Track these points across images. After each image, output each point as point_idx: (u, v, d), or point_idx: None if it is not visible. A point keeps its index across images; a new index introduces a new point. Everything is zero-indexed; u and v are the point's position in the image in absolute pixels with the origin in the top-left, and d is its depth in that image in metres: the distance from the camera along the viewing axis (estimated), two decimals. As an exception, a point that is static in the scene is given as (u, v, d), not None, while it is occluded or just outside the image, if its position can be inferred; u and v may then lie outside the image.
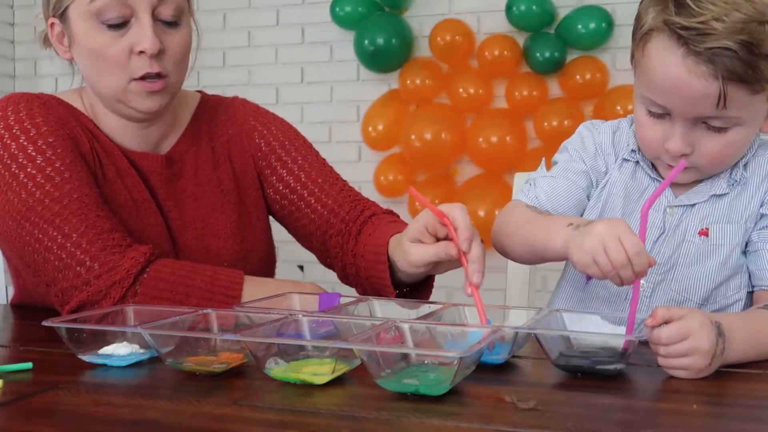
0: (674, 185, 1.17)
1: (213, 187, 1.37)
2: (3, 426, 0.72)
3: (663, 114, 1.09)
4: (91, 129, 1.29)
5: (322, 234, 1.37)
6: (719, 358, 0.86)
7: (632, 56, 1.14)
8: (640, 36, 1.09)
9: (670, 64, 1.04)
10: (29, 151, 1.20)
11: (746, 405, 0.80)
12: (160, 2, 1.22)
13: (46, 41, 1.35)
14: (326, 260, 1.40)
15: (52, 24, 1.27)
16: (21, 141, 1.20)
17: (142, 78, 1.23)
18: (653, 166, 1.19)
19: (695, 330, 0.84)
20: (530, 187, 1.24)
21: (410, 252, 1.11)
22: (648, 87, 1.09)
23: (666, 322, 0.85)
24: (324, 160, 1.45)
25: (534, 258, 1.15)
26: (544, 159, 1.28)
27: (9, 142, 1.21)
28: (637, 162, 1.20)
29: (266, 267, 1.43)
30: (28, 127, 1.22)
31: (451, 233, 1.04)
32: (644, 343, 0.85)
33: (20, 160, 1.19)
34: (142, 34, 1.21)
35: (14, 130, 1.21)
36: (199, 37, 1.33)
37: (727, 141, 1.07)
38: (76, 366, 0.91)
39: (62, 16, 1.25)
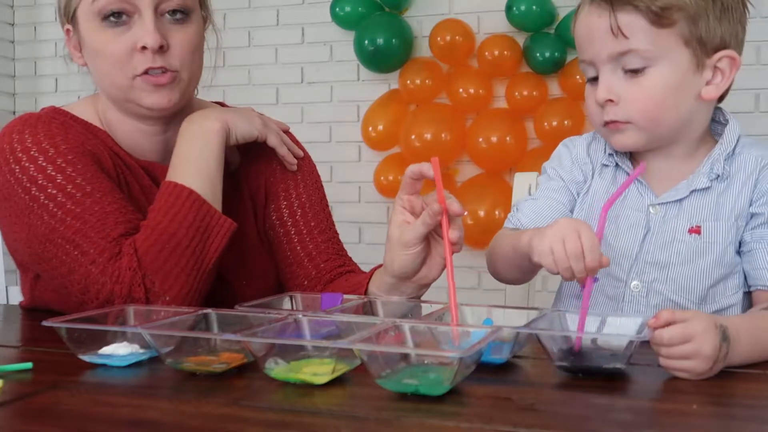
0: (656, 184, 1.19)
1: (235, 204, 1.35)
2: (3, 426, 0.72)
3: (596, 77, 1.14)
4: (110, 145, 1.28)
5: (290, 273, 1.37)
6: (722, 362, 0.86)
7: None
8: (572, 21, 1.18)
9: (581, 17, 1.15)
10: (49, 171, 1.18)
11: (747, 405, 0.80)
12: None
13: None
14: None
15: (68, 30, 1.27)
16: (39, 162, 1.19)
17: (146, 73, 1.22)
18: (632, 165, 1.21)
19: (698, 334, 0.84)
20: (514, 213, 1.28)
21: (401, 234, 1.10)
22: (578, 51, 1.17)
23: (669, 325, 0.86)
24: (326, 204, 1.44)
25: (517, 271, 1.19)
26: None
27: (27, 164, 1.19)
28: (617, 165, 1.22)
29: (278, 283, 1.43)
30: (47, 147, 1.20)
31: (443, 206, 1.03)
32: (645, 344, 0.85)
33: (40, 181, 1.18)
34: (144, 29, 1.20)
35: (32, 152, 1.19)
36: (219, 39, 1.34)
37: (647, 85, 1.11)
38: (76, 366, 0.91)
39: (73, 20, 1.25)
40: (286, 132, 1.41)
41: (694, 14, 1.08)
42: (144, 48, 1.21)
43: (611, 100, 1.12)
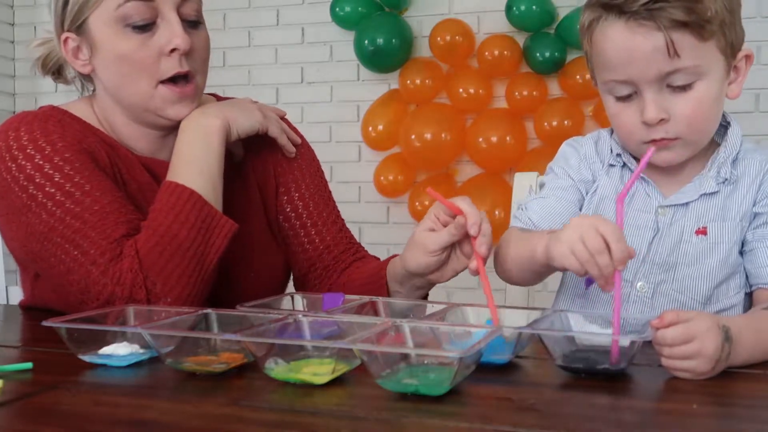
0: (663, 185, 1.18)
1: (239, 197, 1.35)
2: (3, 426, 0.72)
3: (630, 94, 1.11)
4: (109, 142, 1.27)
5: (310, 266, 1.38)
6: (724, 362, 0.86)
7: (587, 58, 1.17)
8: (584, 32, 1.14)
9: (616, 36, 1.08)
10: (46, 169, 1.17)
11: (747, 405, 0.80)
12: (184, 2, 1.22)
13: (44, 67, 1.33)
14: (298, 291, 1.39)
15: (66, 39, 1.24)
16: (36, 160, 1.18)
17: (172, 80, 1.22)
18: (638, 163, 1.20)
19: (701, 333, 0.84)
20: (522, 212, 1.26)
21: (425, 241, 1.13)
22: (605, 69, 1.12)
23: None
24: (330, 193, 1.45)
25: (528, 275, 1.17)
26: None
27: (23, 162, 1.18)
28: (624, 165, 1.22)
29: (286, 274, 1.43)
30: (43, 145, 1.19)
31: (465, 218, 1.07)
32: (647, 343, 0.85)
33: (37, 180, 1.17)
34: (173, 32, 1.20)
35: (29, 150, 1.19)
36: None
37: (696, 98, 1.09)
38: (76, 366, 0.91)
39: (80, 28, 1.22)
40: (283, 118, 1.41)
41: (728, 22, 1.07)
42: (172, 51, 1.20)
43: (663, 119, 1.10)
